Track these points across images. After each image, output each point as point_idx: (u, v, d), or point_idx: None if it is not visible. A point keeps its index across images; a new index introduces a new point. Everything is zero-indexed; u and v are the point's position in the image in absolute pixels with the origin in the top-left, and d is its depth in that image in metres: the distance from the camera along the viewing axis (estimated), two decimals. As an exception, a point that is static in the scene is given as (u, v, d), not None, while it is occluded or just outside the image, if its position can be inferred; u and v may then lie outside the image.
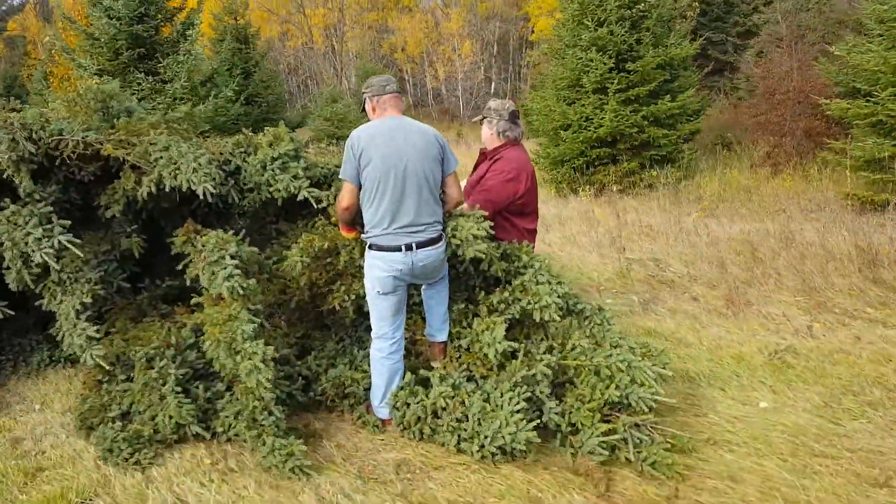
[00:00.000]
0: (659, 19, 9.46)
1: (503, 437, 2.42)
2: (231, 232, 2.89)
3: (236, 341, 2.52)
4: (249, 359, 2.46)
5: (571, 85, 9.47)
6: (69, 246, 2.79)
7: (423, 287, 2.84)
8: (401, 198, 2.52)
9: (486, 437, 2.45)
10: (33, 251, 2.76)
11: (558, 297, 2.68)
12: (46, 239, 2.78)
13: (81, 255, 2.86)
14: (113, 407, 2.77)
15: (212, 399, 2.76)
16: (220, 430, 2.67)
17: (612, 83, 8.81)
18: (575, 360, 2.67)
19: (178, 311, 3.23)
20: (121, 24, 9.68)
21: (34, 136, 2.96)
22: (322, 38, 33.88)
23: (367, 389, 2.87)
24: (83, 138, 2.98)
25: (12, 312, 3.18)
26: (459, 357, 2.87)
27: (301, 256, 2.87)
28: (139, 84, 9.60)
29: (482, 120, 3.14)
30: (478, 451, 2.47)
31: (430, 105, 35.66)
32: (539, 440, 2.46)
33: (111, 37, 9.70)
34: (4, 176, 2.92)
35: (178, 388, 2.68)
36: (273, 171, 2.97)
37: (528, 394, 2.53)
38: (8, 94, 26.17)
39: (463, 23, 32.55)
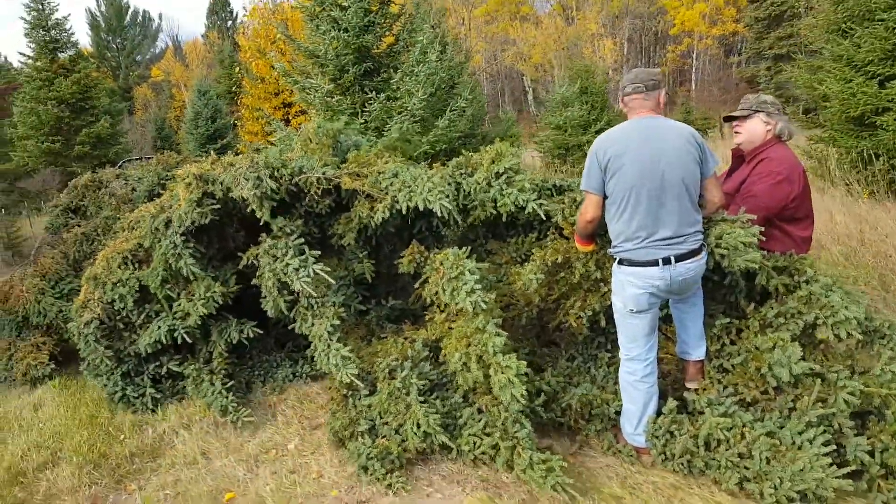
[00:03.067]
0: None
1: (806, 481, 2.17)
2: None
3: (487, 354, 2.59)
4: (503, 372, 2.51)
5: (885, 58, 7.72)
6: (322, 274, 3.13)
7: (673, 300, 2.69)
8: (658, 208, 2.39)
9: (780, 480, 2.22)
10: (292, 280, 3.13)
11: (859, 312, 2.36)
12: (302, 269, 3.13)
13: (334, 282, 3.20)
14: (361, 421, 3.01)
15: (451, 412, 2.86)
16: (465, 448, 2.73)
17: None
18: (884, 387, 2.33)
19: (405, 328, 3.48)
20: (348, 36, 8.58)
21: (276, 174, 3.41)
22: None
23: (618, 413, 2.77)
24: (323, 174, 3.37)
25: (261, 331, 3.70)
26: (720, 380, 2.67)
27: (535, 273, 2.91)
28: (370, 103, 8.57)
29: (748, 115, 2.87)
30: (770, 495, 2.22)
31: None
32: (852, 488, 2.18)
33: (337, 51, 8.70)
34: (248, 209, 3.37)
35: (422, 398, 2.84)
36: (500, 186, 3.09)
37: (829, 435, 2.27)
38: (159, 135, 30.79)
39: (600, 22, 32.11)
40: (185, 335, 3.49)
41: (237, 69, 23.77)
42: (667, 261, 2.42)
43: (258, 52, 17.01)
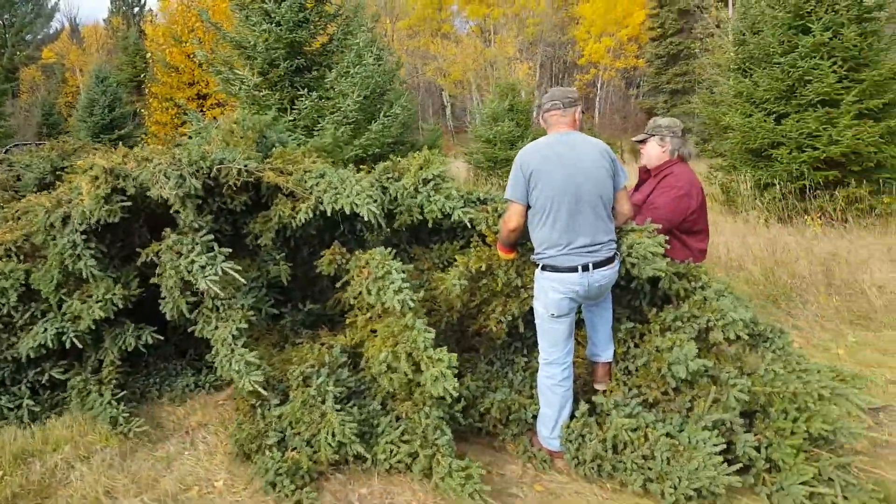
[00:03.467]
0: (890, 20, 8.53)
1: (701, 479, 2.34)
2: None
3: (417, 350, 2.58)
4: (434, 366, 2.51)
5: (780, 97, 8.65)
6: (232, 273, 2.95)
7: (586, 305, 2.83)
8: (577, 217, 2.54)
9: (679, 479, 2.37)
10: (197, 279, 2.92)
11: (746, 314, 2.61)
12: (210, 267, 2.94)
13: (245, 282, 3.03)
14: (270, 433, 2.85)
15: (367, 420, 2.80)
16: (381, 456, 2.68)
17: (844, 94, 7.93)
18: (767, 386, 2.58)
19: (322, 334, 3.37)
20: (280, 29, 8.21)
21: (199, 172, 3.20)
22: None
23: (535, 417, 2.84)
24: (245, 167, 3.20)
25: (161, 338, 3.42)
26: (625, 382, 2.83)
27: (459, 279, 2.95)
28: (301, 101, 8.26)
29: (647, 139, 3.18)
30: (671, 494, 2.38)
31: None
32: (740, 484, 2.38)
33: (267, 45, 8.31)
34: (171, 209, 3.16)
35: (338, 406, 2.74)
36: (427, 192, 3.10)
37: (721, 437, 2.46)
38: (46, 121, 28.09)
39: (517, 46, 33.51)
40: (74, 340, 3.15)
41: (147, 56, 22.16)
42: (585, 267, 2.56)
43: (173, 38, 16.02)
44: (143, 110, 19.48)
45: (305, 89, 8.33)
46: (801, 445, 2.44)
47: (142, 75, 24.97)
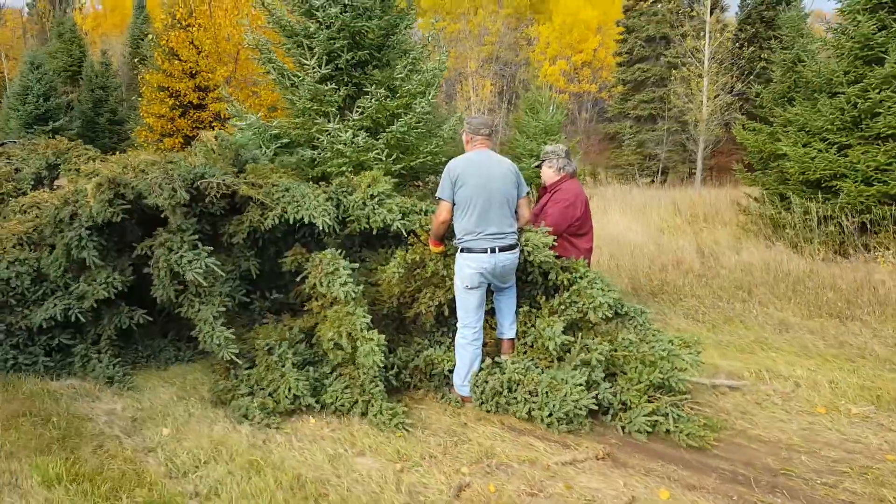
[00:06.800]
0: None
1: (568, 404, 3.30)
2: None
3: (356, 331, 3.52)
4: (367, 343, 3.45)
5: (843, 128, 8.65)
6: (213, 267, 3.85)
7: (496, 294, 3.83)
8: (489, 211, 3.55)
9: (554, 406, 3.33)
10: (185, 271, 3.81)
11: (611, 298, 3.64)
12: (195, 261, 3.84)
13: (223, 275, 3.96)
14: (241, 387, 3.73)
15: (319, 379, 3.70)
16: (328, 401, 3.60)
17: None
18: (624, 350, 3.60)
19: (285, 318, 4.32)
20: (347, 16, 7.04)
21: (185, 183, 4.07)
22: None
23: (451, 371, 3.80)
24: (223, 181, 4.15)
25: (150, 318, 4.30)
26: (525, 352, 3.80)
27: (398, 268, 3.91)
28: (365, 98, 7.11)
29: (541, 163, 4.28)
30: (548, 418, 3.34)
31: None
32: (596, 407, 3.36)
33: (328, 35, 7.07)
34: (162, 213, 4.05)
35: (295, 370, 3.64)
36: (372, 206, 4.11)
37: (586, 377, 3.41)
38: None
39: (480, 63, 34.75)
40: (79, 315, 3.99)
41: (84, 44, 21.60)
42: (493, 250, 3.56)
43: (177, 22, 15.61)
44: (138, 98, 18.35)
45: (373, 86, 7.19)
46: (644, 390, 3.43)
47: (72, 65, 24.47)
